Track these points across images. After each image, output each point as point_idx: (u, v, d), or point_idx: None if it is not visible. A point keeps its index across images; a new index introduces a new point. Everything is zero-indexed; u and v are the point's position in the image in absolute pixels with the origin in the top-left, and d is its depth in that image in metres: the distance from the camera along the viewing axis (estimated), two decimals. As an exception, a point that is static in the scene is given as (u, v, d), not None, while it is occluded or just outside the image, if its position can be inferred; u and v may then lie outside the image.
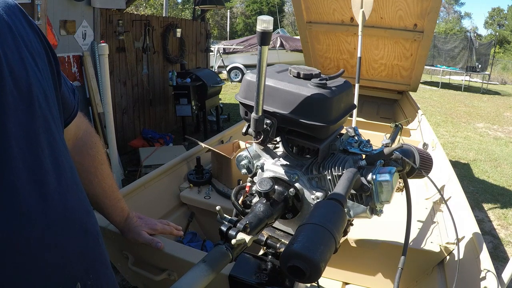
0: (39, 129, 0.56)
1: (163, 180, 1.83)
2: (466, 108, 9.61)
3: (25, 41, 0.58)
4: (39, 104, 0.57)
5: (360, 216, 0.85)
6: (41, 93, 0.58)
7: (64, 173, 0.61)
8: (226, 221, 0.73)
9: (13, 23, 0.57)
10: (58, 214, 0.58)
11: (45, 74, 0.61)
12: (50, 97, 0.61)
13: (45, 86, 0.60)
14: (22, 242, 0.52)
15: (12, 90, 0.52)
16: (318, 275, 0.57)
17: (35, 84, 0.57)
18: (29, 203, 0.52)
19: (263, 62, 0.72)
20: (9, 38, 0.55)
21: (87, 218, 0.67)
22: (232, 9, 28.61)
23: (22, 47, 0.57)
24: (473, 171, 4.83)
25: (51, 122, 0.60)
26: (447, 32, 26.82)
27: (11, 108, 0.51)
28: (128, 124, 4.90)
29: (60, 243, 0.58)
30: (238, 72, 11.74)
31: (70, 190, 0.62)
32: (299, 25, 3.85)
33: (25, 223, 0.52)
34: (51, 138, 0.59)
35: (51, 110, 0.60)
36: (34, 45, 0.60)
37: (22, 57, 0.56)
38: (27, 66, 0.56)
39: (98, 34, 3.94)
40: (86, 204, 0.68)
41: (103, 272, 0.69)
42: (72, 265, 0.60)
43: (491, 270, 1.07)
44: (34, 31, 0.62)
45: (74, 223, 0.62)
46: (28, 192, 0.52)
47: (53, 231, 0.56)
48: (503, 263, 2.69)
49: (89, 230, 0.66)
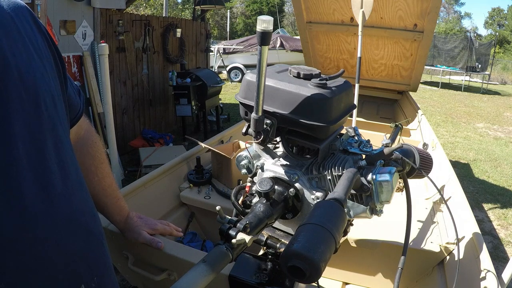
0: (45, 131, 0.56)
1: (163, 180, 1.83)
2: (466, 108, 9.61)
3: (33, 43, 0.58)
4: (46, 106, 0.57)
5: (360, 216, 0.85)
6: (48, 95, 0.58)
7: (69, 175, 0.61)
8: (226, 221, 0.73)
9: (22, 25, 0.57)
10: (63, 215, 0.58)
11: (52, 76, 0.62)
12: (57, 99, 0.61)
13: (52, 88, 0.60)
14: (27, 243, 0.52)
15: (20, 91, 0.52)
16: (318, 275, 0.57)
17: (43, 86, 0.57)
18: (34, 204, 0.52)
19: (263, 62, 0.72)
20: (18, 40, 0.55)
21: (91, 220, 0.67)
22: (232, 9, 28.60)
23: (30, 50, 0.57)
24: (473, 171, 4.83)
25: (57, 124, 0.60)
26: (447, 32, 26.81)
27: (18, 109, 0.52)
28: (128, 124, 4.90)
29: (65, 244, 0.58)
30: (238, 72, 11.74)
31: (75, 191, 0.62)
32: (299, 25, 3.85)
33: (30, 224, 0.52)
34: (57, 140, 0.59)
35: (57, 112, 0.60)
36: (42, 47, 0.61)
37: (30, 59, 0.56)
38: (35, 68, 0.56)
39: (98, 34, 3.94)
40: (90, 206, 0.68)
41: (107, 274, 0.69)
42: (76, 266, 0.60)
43: (491, 270, 1.07)
44: (41, 33, 0.62)
45: (78, 224, 0.62)
46: (34, 194, 0.52)
47: (57, 233, 0.57)
48: (503, 263, 2.69)
49: (93, 231, 0.66)
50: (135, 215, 1.11)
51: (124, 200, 1.07)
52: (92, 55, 3.86)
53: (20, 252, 0.51)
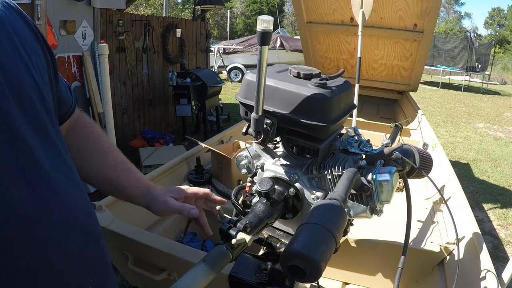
0: (33, 131, 0.54)
1: (163, 180, 1.83)
2: (466, 108, 9.61)
3: (18, 35, 0.56)
4: (33, 103, 0.54)
5: (360, 216, 0.85)
6: (35, 91, 0.55)
7: (62, 174, 0.59)
8: (226, 221, 0.73)
9: (6, 16, 0.55)
10: (58, 215, 0.57)
11: (41, 70, 0.59)
12: (45, 95, 0.58)
13: (40, 83, 0.57)
14: (25, 245, 0.51)
15: (3, 89, 0.50)
16: (318, 274, 0.57)
17: (27, 78, 0.54)
18: (27, 205, 0.51)
19: (263, 62, 0.72)
20: (1, 33, 0.52)
21: (87, 219, 0.66)
22: (232, 9, 28.61)
23: (15, 43, 0.54)
24: (473, 171, 4.83)
25: (46, 122, 0.57)
26: (447, 32, 26.82)
27: (2, 109, 0.49)
28: (128, 124, 4.90)
29: (62, 245, 0.57)
30: (238, 72, 11.74)
31: (69, 190, 0.61)
32: (299, 25, 3.85)
33: (26, 225, 0.51)
34: (46, 139, 0.57)
35: (46, 108, 0.58)
36: (29, 40, 0.58)
37: (15, 53, 0.54)
38: (20, 63, 0.54)
39: (98, 34, 3.94)
40: (86, 205, 0.67)
41: (106, 274, 0.69)
42: (75, 267, 0.60)
43: (491, 270, 1.07)
44: (27, 25, 0.60)
45: (74, 224, 0.61)
46: (26, 194, 0.51)
47: (54, 233, 0.56)
48: (503, 263, 2.69)
49: (89, 232, 0.65)
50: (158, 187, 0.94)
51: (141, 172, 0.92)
52: (92, 55, 3.86)
53: (19, 254, 0.50)
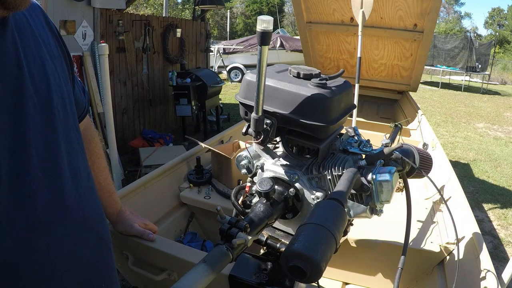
0: (59, 137, 0.55)
1: (163, 180, 1.83)
2: (466, 108, 9.61)
3: (45, 44, 0.57)
4: (58, 110, 0.56)
5: (360, 216, 0.85)
6: (60, 99, 0.57)
7: (81, 181, 0.60)
8: (226, 221, 0.73)
9: (35, 25, 0.56)
10: (75, 222, 0.57)
11: (63, 76, 0.61)
12: (67, 102, 0.60)
13: (63, 90, 0.59)
14: (40, 251, 0.51)
15: (32, 96, 0.51)
16: (318, 275, 0.57)
17: (55, 89, 0.56)
18: (48, 212, 0.52)
19: (263, 62, 0.72)
20: (32, 43, 0.54)
21: (101, 225, 0.67)
22: (232, 9, 28.60)
23: (43, 52, 0.55)
24: (473, 171, 4.83)
25: (70, 128, 0.59)
26: (447, 32, 26.79)
27: (31, 115, 0.50)
28: (128, 124, 4.90)
29: (77, 252, 0.58)
30: (238, 72, 11.73)
31: (87, 197, 0.61)
32: (299, 25, 3.85)
33: (44, 231, 0.51)
34: (69, 145, 0.58)
35: (68, 116, 0.59)
36: (53, 47, 0.59)
37: (43, 61, 0.55)
38: (47, 70, 0.55)
39: (98, 34, 3.94)
40: (100, 210, 0.68)
41: (113, 280, 0.69)
42: (87, 274, 0.60)
43: (491, 270, 1.07)
44: (52, 33, 0.61)
45: (90, 231, 0.62)
46: (48, 201, 0.51)
47: (70, 240, 0.56)
48: (503, 263, 2.69)
49: (103, 237, 0.66)
50: (127, 209, 1.15)
51: (117, 195, 1.11)
52: (92, 55, 3.85)
53: (34, 259, 0.50)
